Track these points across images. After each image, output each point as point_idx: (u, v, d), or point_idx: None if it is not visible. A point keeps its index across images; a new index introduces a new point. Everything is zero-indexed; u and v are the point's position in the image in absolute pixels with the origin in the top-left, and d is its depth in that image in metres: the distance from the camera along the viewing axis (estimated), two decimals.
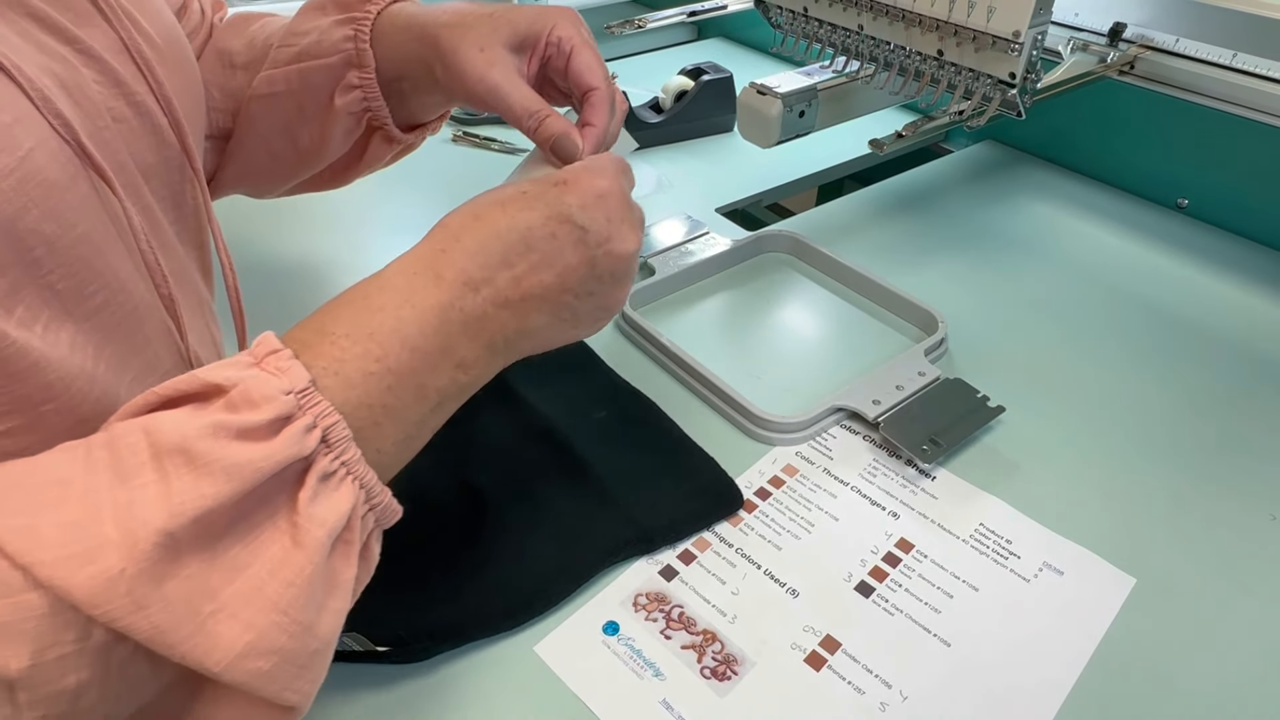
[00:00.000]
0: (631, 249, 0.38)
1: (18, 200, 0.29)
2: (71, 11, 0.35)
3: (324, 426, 0.29)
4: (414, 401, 0.33)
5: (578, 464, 0.51)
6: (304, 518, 0.28)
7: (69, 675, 0.25)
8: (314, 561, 0.28)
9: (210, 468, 0.26)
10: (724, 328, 0.65)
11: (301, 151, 0.52)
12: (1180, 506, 0.50)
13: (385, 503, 0.31)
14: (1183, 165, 0.77)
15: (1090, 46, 0.76)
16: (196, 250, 0.43)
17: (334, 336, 0.31)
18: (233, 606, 0.26)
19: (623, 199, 0.38)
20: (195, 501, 0.26)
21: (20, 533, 0.24)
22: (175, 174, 0.40)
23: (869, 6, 0.62)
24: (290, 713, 0.29)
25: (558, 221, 0.36)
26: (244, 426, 0.27)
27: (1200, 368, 0.61)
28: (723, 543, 0.48)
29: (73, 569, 0.24)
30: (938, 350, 0.60)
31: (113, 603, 0.24)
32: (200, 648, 0.26)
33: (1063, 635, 0.43)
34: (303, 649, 0.28)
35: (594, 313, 0.38)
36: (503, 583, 0.44)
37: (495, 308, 0.35)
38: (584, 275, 0.36)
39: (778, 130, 0.68)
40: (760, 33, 1.11)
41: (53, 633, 0.24)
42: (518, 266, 0.35)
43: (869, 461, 0.53)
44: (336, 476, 0.29)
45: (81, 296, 0.32)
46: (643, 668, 0.42)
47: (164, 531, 0.25)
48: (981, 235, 0.75)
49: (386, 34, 0.47)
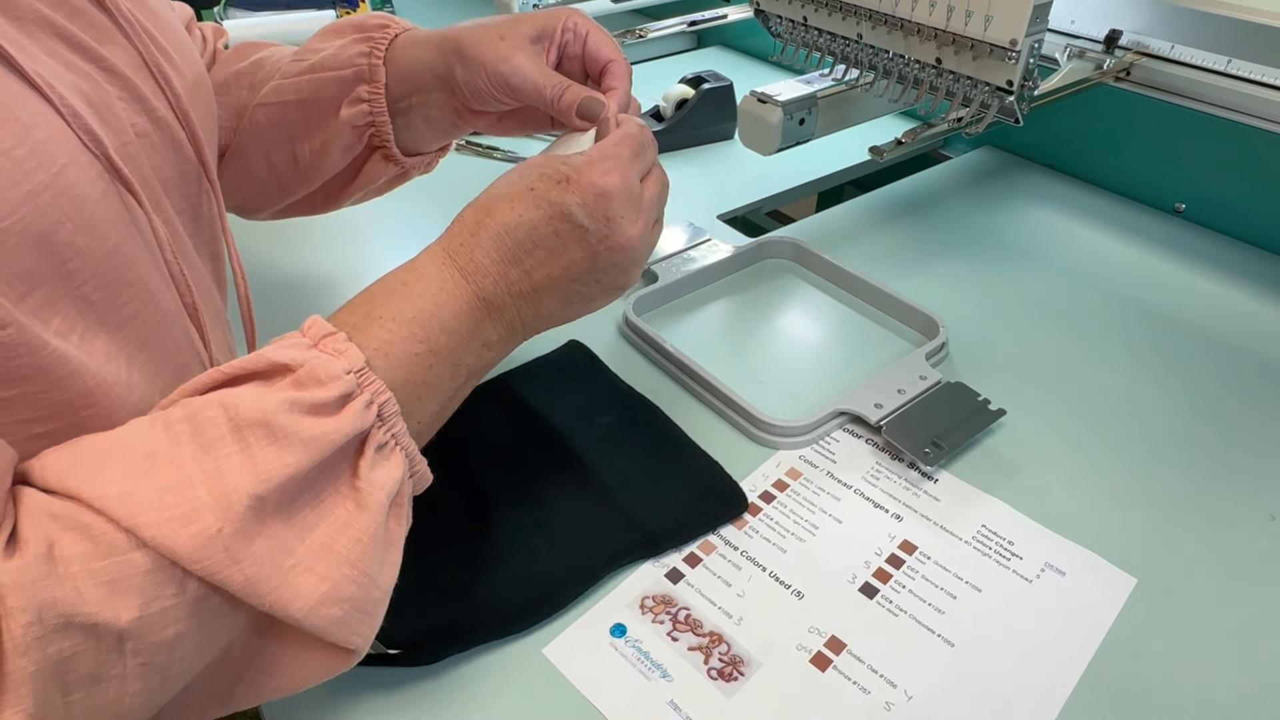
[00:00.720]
0: (631, 242, 0.39)
1: (53, 214, 0.29)
2: (94, 30, 0.36)
3: (379, 403, 0.32)
4: (449, 378, 0.36)
5: (583, 468, 0.51)
6: (365, 483, 0.32)
7: (169, 627, 0.27)
8: (377, 521, 0.32)
9: (290, 440, 0.29)
10: (727, 333, 0.65)
11: (300, 164, 0.53)
12: (1180, 507, 0.51)
13: (422, 471, 0.35)
14: (1180, 170, 0.77)
15: (1087, 53, 0.77)
16: (212, 261, 0.44)
17: (382, 321, 0.34)
18: (308, 561, 0.30)
19: (625, 193, 0.39)
20: (279, 469, 0.29)
21: (122, 499, 0.27)
22: (193, 186, 0.41)
23: (868, 15, 0.62)
24: (351, 655, 0.33)
25: (560, 220, 0.38)
26: (315, 403, 0.30)
27: (1198, 369, 0.61)
28: (728, 545, 0.48)
29: (175, 529, 0.27)
30: (939, 354, 0.61)
31: (212, 558, 0.27)
32: (285, 597, 0.29)
33: (1065, 635, 0.44)
34: (368, 598, 0.32)
35: (605, 292, 0.41)
36: (510, 586, 0.45)
37: (511, 298, 0.38)
38: (588, 267, 0.39)
39: (778, 138, 0.68)
40: (760, 41, 1.12)
41: (155, 587, 0.27)
42: (526, 262, 0.38)
43: (872, 464, 0.53)
44: (388, 447, 0.33)
45: (114, 307, 0.33)
46: (650, 669, 0.42)
47: (255, 495, 0.28)
48: (981, 240, 0.76)
49: (402, 49, 0.49)
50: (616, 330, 0.64)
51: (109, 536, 0.26)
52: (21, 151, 0.29)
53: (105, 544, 0.26)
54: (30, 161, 0.29)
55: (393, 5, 1.34)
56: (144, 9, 0.40)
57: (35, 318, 0.29)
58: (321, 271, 0.72)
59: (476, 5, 1.36)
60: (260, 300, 0.48)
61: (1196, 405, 0.58)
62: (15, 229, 0.28)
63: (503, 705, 0.41)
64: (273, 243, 0.74)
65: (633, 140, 0.41)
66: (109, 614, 0.26)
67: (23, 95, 0.30)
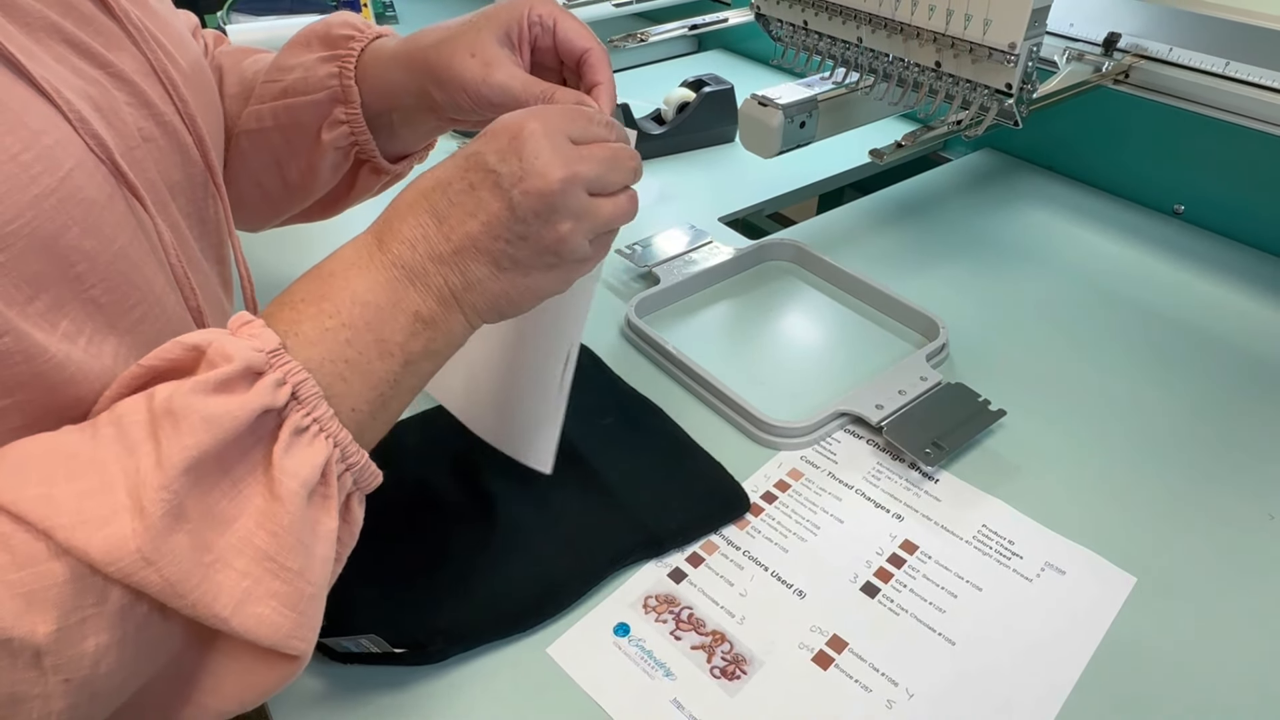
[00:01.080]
0: (548, 184, 0.35)
1: (59, 218, 0.30)
2: (103, 36, 0.36)
3: (293, 383, 0.31)
4: (377, 356, 0.34)
5: (586, 469, 0.52)
6: (278, 469, 0.30)
7: (89, 639, 0.26)
8: (290, 511, 0.30)
9: (190, 420, 0.28)
10: (728, 335, 0.66)
11: (290, 186, 0.53)
12: (1179, 506, 0.51)
13: (362, 464, 0.33)
14: (1178, 172, 0.78)
15: (1085, 56, 0.77)
16: (218, 265, 0.44)
17: (292, 303, 0.34)
18: (227, 556, 0.28)
19: (544, 134, 0.36)
20: (180, 453, 0.27)
21: (39, 501, 0.26)
22: (199, 190, 0.41)
23: (868, 20, 0.63)
24: (294, 662, 0.31)
25: (475, 171, 0.36)
26: (220, 380, 0.29)
27: (1198, 370, 0.61)
28: (730, 545, 0.49)
29: (90, 532, 0.26)
30: (939, 355, 0.61)
31: (125, 559, 0.26)
32: (208, 595, 0.28)
33: (1065, 633, 0.44)
34: (297, 593, 0.30)
35: (536, 256, 0.36)
36: (515, 586, 0.45)
37: (433, 262, 0.35)
38: (507, 219, 0.35)
39: (779, 140, 0.69)
40: (760, 45, 1.13)
41: (74, 598, 0.26)
42: (445, 223, 0.35)
43: (873, 465, 0.54)
44: (309, 432, 0.31)
45: (122, 310, 0.33)
46: (653, 668, 0.43)
47: (161, 488, 0.27)
48: (981, 242, 0.76)
49: (372, 68, 0.48)
50: (618, 332, 0.65)
51: (26, 546, 0.25)
52: (29, 156, 0.29)
53: (23, 554, 0.25)
54: (37, 166, 0.29)
55: (395, 10, 1.35)
56: (151, 15, 0.40)
57: (43, 320, 0.29)
58: None
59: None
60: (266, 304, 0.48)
61: (1196, 405, 0.59)
62: (22, 233, 0.28)
63: (507, 704, 0.41)
64: (278, 246, 0.75)
65: (568, 104, 0.40)
66: (24, 628, 0.25)
67: (31, 101, 0.30)
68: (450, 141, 0.92)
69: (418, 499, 0.50)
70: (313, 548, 0.31)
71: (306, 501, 0.30)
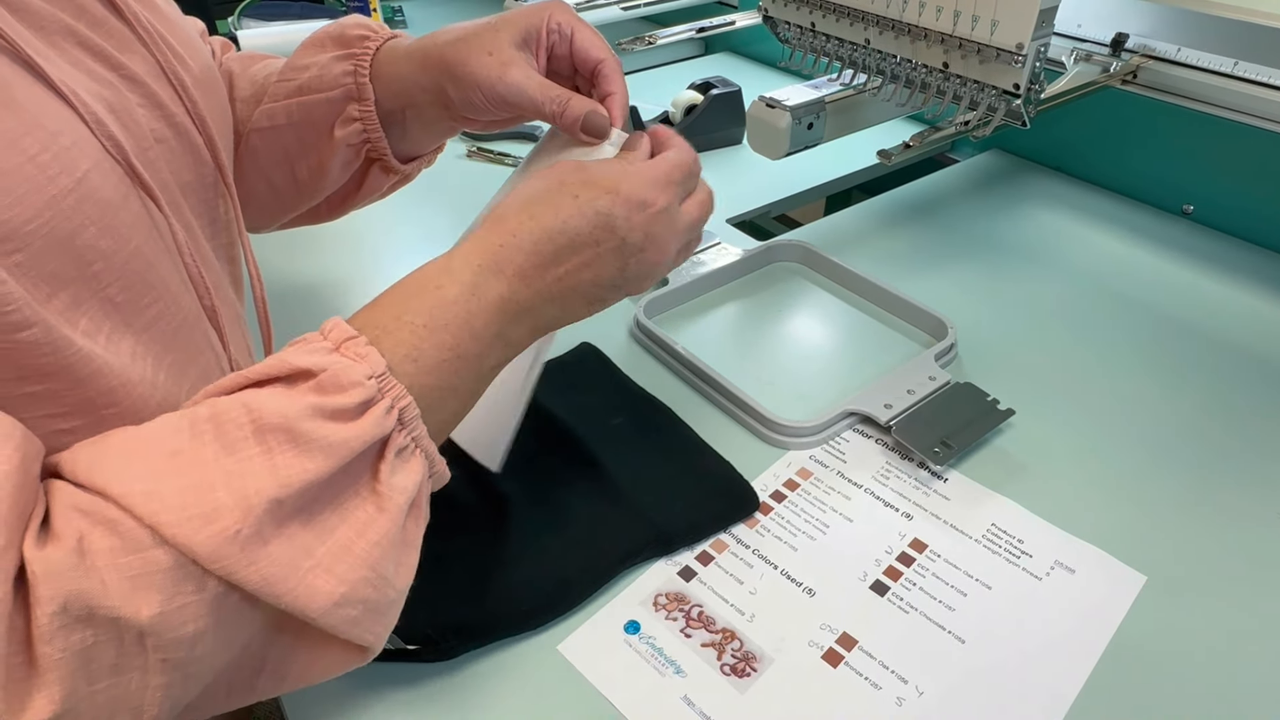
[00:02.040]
0: (662, 259, 0.41)
1: (76, 218, 0.31)
2: (114, 39, 0.37)
3: (400, 408, 0.32)
4: (473, 380, 0.37)
5: (597, 469, 0.52)
6: (386, 487, 0.32)
7: (189, 624, 0.28)
8: (396, 524, 0.32)
9: (310, 447, 0.30)
10: (737, 335, 0.66)
11: (300, 183, 0.53)
12: (1189, 505, 0.51)
13: (441, 470, 0.35)
14: (1188, 172, 0.78)
15: (1093, 57, 0.77)
16: (229, 264, 0.45)
17: (413, 326, 0.34)
18: (327, 563, 0.30)
19: (666, 212, 0.40)
20: (300, 475, 0.29)
21: (145, 497, 0.28)
22: (210, 190, 0.42)
23: (875, 21, 0.63)
24: (365, 652, 0.33)
25: (603, 230, 0.38)
26: (336, 408, 0.31)
27: (1207, 370, 0.61)
28: (740, 544, 0.49)
29: (195, 528, 0.28)
30: (948, 355, 0.62)
31: (229, 558, 0.28)
32: (302, 598, 0.30)
33: (1075, 632, 0.44)
34: (383, 599, 0.32)
35: (618, 297, 0.42)
36: (526, 584, 0.46)
37: (542, 300, 0.38)
38: (615, 275, 0.40)
39: (787, 142, 0.69)
40: (768, 47, 1.13)
41: (175, 584, 0.27)
42: (563, 267, 0.38)
43: (882, 464, 0.54)
44: (409, 450, 0.33)
45: (139, 308, 0.34)
46: (664, 665, 0.43)
47: (273, 499, 0.29)
48: (989, 243, 0.76)
49: (387, 66, 0.49)
50: (628, 333, 0.65)
51: (134, 533, 0.27)
52: (46, 157, 0.30)
53: (131, 540, 0.27)
54: (55, 167, 0.30)
55: (404, 14, 1.36)
56: (161, 18, 0.41)
57: (63, 318, 0.30)
58: (336, 273, 0.73)
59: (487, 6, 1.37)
60: (275, 302, 0.48)
61: (1205, 404, 0.58)
62: (40, 232, 0.29)
63: (519, 700, 0.41)
64: (287, 245, 0.75)
65: (684, 166, 0.42)
66: (130, 609, 0.26)
67: (49, 103, 0.31)
68: (459, 144, 0.93)
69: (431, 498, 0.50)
70: (402, 557, 0.33)
71: (407, 514, 0.33)
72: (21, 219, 0.29)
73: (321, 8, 1.27)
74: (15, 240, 0.29)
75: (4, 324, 0.28)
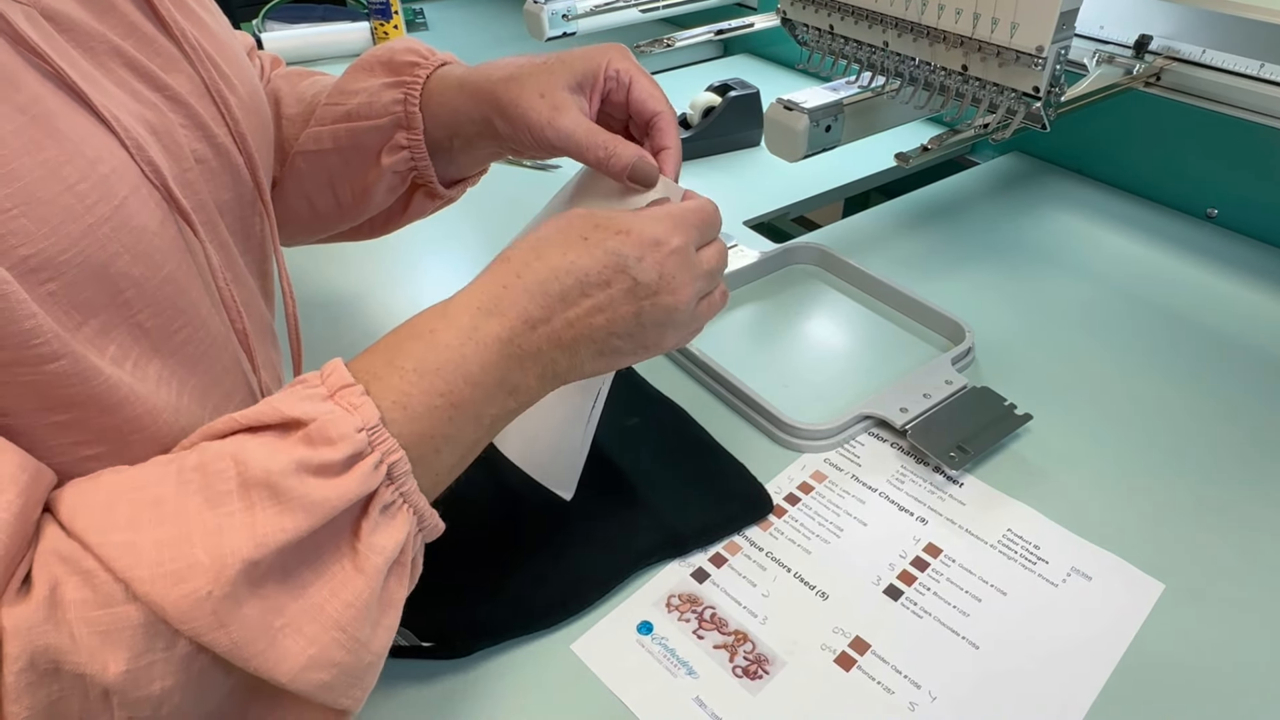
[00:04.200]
0: (679, 303, 0.38)
1: (111, 246, 0.31)
2: (161, 58, 0.37)
3: (389, 462, 0.31)
4: (471, 429, 0.35)
5: (611, 470, 0.52)
6: (365, 545, 0.30)
7: (156, 682, 0.27)
8: (372, 586, 0.30)
9: (291, 505, 0.28)
10: (753, 338, 0.66)
11: (343, 206, 0.53)
12: (1208, 512, 0.51)
13: (433, 524, 0.34)
14: (1211, 175, 0.77)
15: (1116, 59, 0.76)
16: (260, 278, 0.45)
17: (403, 371, 0.33)
18: (298, 622, 0.29)
19: (680, 251, 0.38)
20: (277, 535, 0.28)
21: (121, 548, 0.27)
22: (248, 209, 0.42)
23: (894, 24, 0.63)
24: (343, 716, 0.31)
25: (613, 271, 0.37)
26: (322, 463, 0.29)
27: (1230, 376, 0.61)
28: (753, 546, 0.49)
29: (167, 587, 0.27)
30: (965, 359, 0.61)
31: (199, 620, 0.27)
32: (271, 661, 0.28)
33: (1091, 640, 0.44)
34: (358, 662, 0.30)
35: (635, 352, 0.39)
36: (540, 584, 0.46)
37: (549, 345, 0.36)
38: (630, 322, 0.38)
39: (804, 144, 0.69)
40: (786, 49, 1.13)
41: (145, 641, 0.27)
42: (572, 310, 0.36)
43: (897, 468, 0.54)
44: (395, 506, 0.31)
45: (168, 333, 0.34)
46: (676, 666, 0.43)
47: (249, 561, 0.27)
48: (1008, 246, 0.76)
49: (437, 95, 0.48)
50: None
51: (107, 586, 0.26)
52: (85, 186, 0.30)
53: (103, 594, 0.26)
54: (93, 196, 0.30)
55: (425, 17, 1.37)
56: (209, 37, 0.41)
57: (91, 345, 0.30)
58: (366, 287, 0.74)
59: (507, 18, 1.38)
60: (306, 316, 0.48)
61: (1226, 411, 0.58)
62: (75, 261, 0.29)
63: (532, 698, 0.42)
64: (318, 259, 0.76)
65: (703, 213, 0.41)
66: (97, 666, 0.26)
67: (91, 130, 0.31)
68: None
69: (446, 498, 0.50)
70: (381, 618, 0.31)
71: (386, 575, 0.31)
72: (58, 249, 0.29)
73: (345, 10, 1.28)
74: (50, 270, 0.29)
75: (33, 356, 0.28)
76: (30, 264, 0.28)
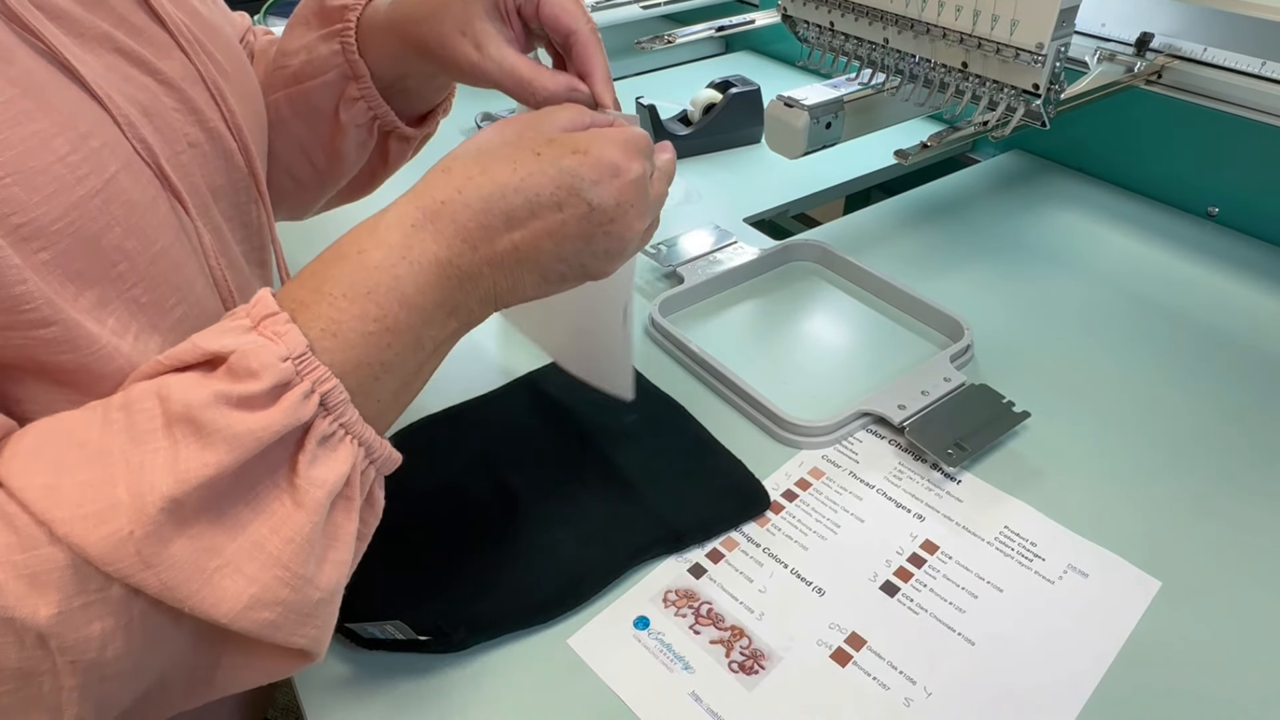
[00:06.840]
0: (633, 233, 0.36)
1: (102, 218, 0.31)
2: (153, 45, 0.37)
3: (322, 392, 0.29)
4: (412, 354, 0.33)
5: (609, 465, 0.52)
6: (304, 479, 0.29)
7: (94, 622, 0.26)
8: (314, 520, 0.29)
9: (213, 438, 0.27)
10: (752, 334, 0.66)
11: (320, 171, 0.53)
12: (1206, 510, 0.51)
13: (384, 455, 0.32)
14: (1213, 174, 0.77)
15: (1117, 57, 0.76)
16: (260, 269, 0.45)
17: (331, 297, 0.31)
18: (236, 562, 0.28)
19: (639, 182, 0.36)
20: (199, 470, 0.27)
21: (43, 491, 0.26)
22: (242, 195, 0.42)
23: (894, 21, 0.63)
24: (303, 656, 0.31)
25: (566, 192, 0.34)
26: (244, 395, 0.28)
27: (1229, 375, 0.61)
28: (750, 542, 0.49)
29: (88, 528, 0.26)
30: (963, 357, 0.61)
31: (124, 561, 0.26)
32: (208, 601, 0.27)
33: (1087, 637, 0.44)
34: (305, 600, 0.29)
35: (577, 279, 0.37)
36: (537, 578, 0.46)
37: (490, 267, 0.34)
38: (579, 249, 0.35)
39: (805, 142, 0.69)
40: (787, 46, 1.13)
41: (76, 582, 0.26)
42: (517, 231, 0.34)
43: (894, 465, 0.54)
44: (335, 438, 0.30)
45: (163, 309, 0.34)
46: (672, 661, 0.43)
47: (170, 498, 0.27)
48: (1008, 244, 0.76)
49: (372, 39, 0.46)
50: (643, 330, 0.65)
51: (29, 529, 0.26)
52: (76, 158, 0.30)
53: (26, 536, 0.26)
54: (84, 168, 0.31)
55: None
56: (201, 24, 0.41)
57: (90, 316, 0.31)
58: None
59: None
60: None
61: (1225, 410, 0.58)
62: (66, 231, 0.30)
63: (528, 693, 0.42)
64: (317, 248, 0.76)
65: (646, 139, 0.39)
66: (27, 609, 0.25)
67: (83, 104, 0.32)
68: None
69: (444, 492, 0.51)
70: (326, 555, 0.30)
71: (329, 508, 0.30)
72: (49, 217, 0.29)
73: None
74: (42, 238, 0.29)
75: (23, 321, 0.28)
76: (23, 232, 0.29)
